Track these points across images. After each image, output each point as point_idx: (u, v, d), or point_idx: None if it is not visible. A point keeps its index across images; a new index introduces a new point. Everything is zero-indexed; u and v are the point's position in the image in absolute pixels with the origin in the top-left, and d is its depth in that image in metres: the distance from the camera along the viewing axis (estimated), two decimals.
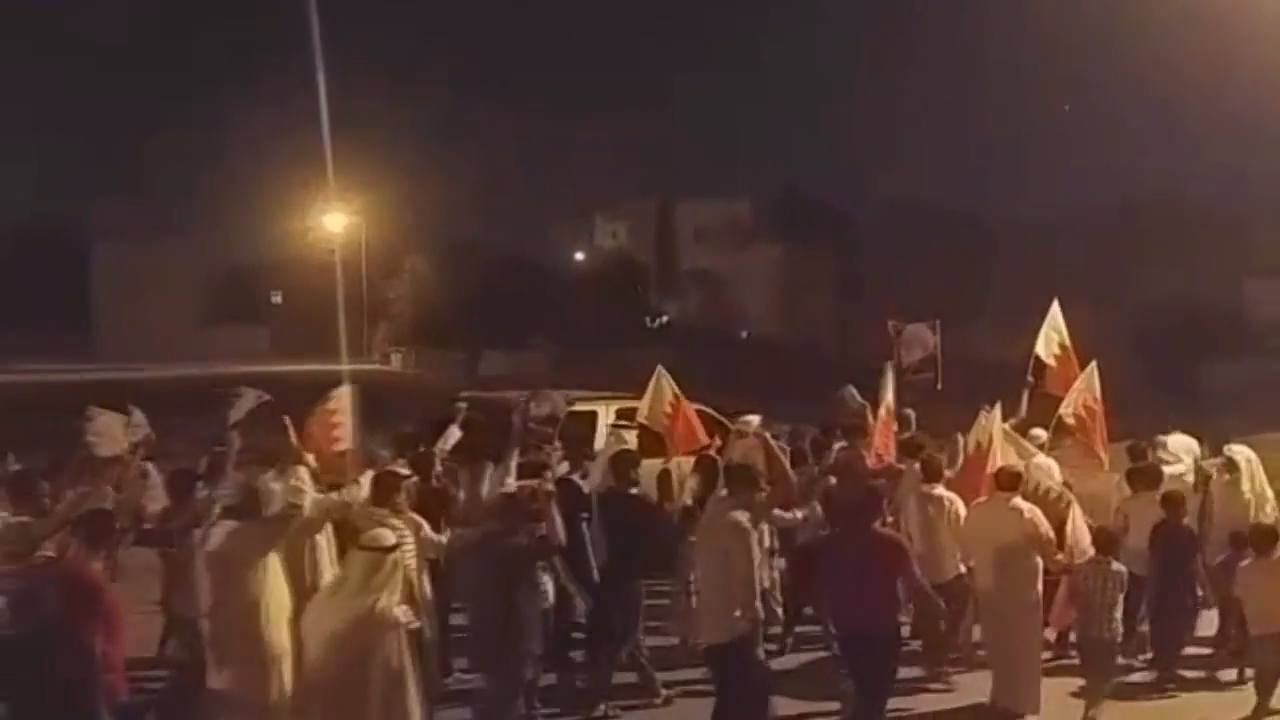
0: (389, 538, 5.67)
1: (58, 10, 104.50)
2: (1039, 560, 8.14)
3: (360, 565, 5.52)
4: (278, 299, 71.16)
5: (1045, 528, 8.19)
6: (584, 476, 8.86)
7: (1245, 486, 9.75)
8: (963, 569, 8.90)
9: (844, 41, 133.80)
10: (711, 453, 9.80)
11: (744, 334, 64.69)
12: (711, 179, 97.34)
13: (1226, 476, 9.86)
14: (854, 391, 11.34)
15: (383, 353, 61.08)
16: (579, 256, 78.34)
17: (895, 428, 10.39)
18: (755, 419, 10.33)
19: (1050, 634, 8.76)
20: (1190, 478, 10.07)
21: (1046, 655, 8.54)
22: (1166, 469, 9.79)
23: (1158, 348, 40.72)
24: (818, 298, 67.35)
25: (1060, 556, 8.28)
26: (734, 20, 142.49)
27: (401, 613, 5.60)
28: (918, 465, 9.44)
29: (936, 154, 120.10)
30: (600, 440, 11.04)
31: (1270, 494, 9.94)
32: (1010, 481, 8.38)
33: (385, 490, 7.23)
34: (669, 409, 10.83)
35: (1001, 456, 8.98)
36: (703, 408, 11.65)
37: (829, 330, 63.63)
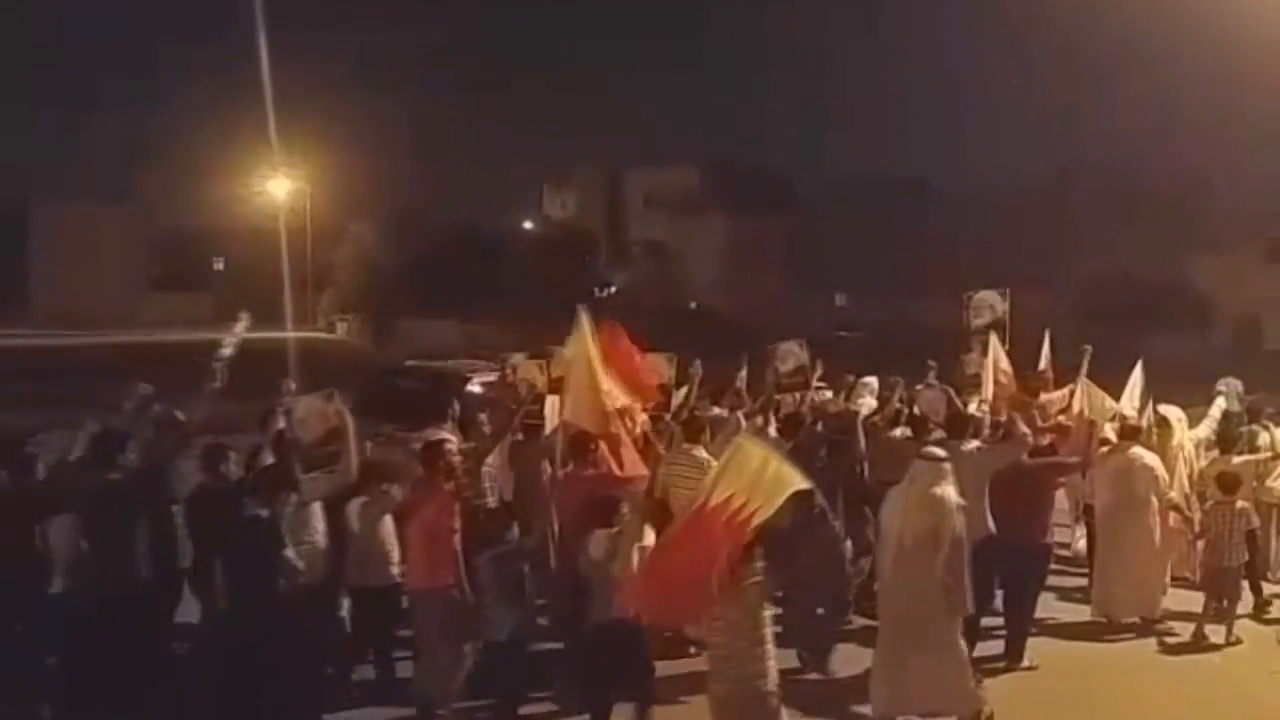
0: (940, 452, 7.87)
1: None
2: (1155, 497, 10.19)
3: (926, 469, 7.69)
4: (219, 265, 69.97)
5: (1163, 472, 10.23)
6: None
7: (1175, 441, 11.33)
8: None
9: (794, 10, 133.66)
10: None
11: (693, 304, 64.61)
12: (661, 148, 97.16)
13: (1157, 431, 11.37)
14: (975, 356, 12.67)
15: (328, 320, 60.33)
16: (527, 225, 77.76)
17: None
18: (874, 380, 12.02)
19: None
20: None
21: None
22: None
23: (1100, 320, 41.27)
24: (767, 268, 67.43)
25: (1172, 495, 10.37)
26: None
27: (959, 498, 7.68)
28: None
29: (886, 124, 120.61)
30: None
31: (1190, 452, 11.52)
32: (1132, 433, 10.42)
33: (695, 430, 9.38)
34: None
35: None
36: None
37: (777, 300, 63.75)
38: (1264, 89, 54.03)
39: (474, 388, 13.22)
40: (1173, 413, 11.68)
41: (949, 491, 7.61)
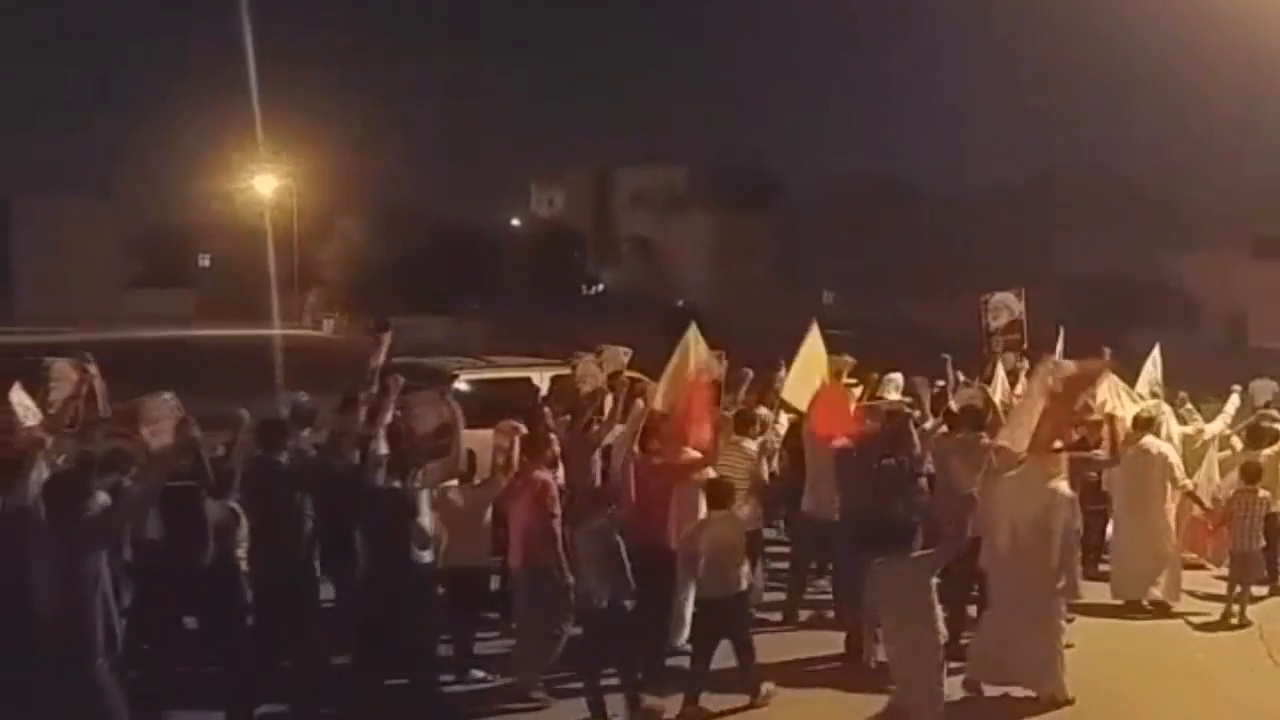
0: (1059, 444, 8.38)
1: None
2: (1169, 485, 10.45)
3: (1036, 462, 8.18)
4: (205, 262, 69.69)
5: (1178, 461, 10.50)
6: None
7: (1164, 434, 11.25)
8: None
9: (783, 11, 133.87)
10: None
11: (679, 302, 64.62)
12: (649, 146, 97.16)
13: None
14: (1011, 357, 12.85)
15: (314, 318, 60.10)
16: (515, 223, 77.71)
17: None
18: (899, 377, 11.90)
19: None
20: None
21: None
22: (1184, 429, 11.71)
23: (1089, 318, 41.42)
24: (755, 265, 67.52)
25: (1186, 483, 10.55)
26: None
27: (1067, 489, 8.23)
28: None
29: (872, 124, 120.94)
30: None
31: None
32: (1146, 425, 10.53)
33: (746, 423, 9.70)
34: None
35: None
36: None
37: (765, 298, 63.84)
38: (1251, 89, 54.35)
39: (461, 385, 13.07)
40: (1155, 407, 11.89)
41: (1062, 485, 8.19)
